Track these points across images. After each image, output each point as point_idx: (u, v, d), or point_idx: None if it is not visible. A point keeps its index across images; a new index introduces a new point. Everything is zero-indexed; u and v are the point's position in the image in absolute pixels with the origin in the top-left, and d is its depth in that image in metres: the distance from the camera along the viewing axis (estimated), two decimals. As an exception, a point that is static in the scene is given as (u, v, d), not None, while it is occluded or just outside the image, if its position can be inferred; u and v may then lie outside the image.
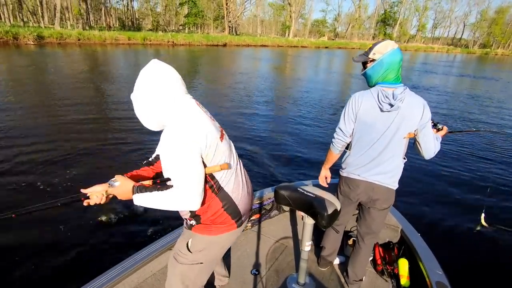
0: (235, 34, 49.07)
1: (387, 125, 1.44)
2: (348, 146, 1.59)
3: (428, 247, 1.86)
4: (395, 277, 1.87)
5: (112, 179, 1.08)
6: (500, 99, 11.05)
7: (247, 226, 2.33)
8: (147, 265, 1.68)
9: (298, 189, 1.51)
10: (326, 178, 1.77)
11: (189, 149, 0.99)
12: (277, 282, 1.85)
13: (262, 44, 39.50)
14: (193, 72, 13.49)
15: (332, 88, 12.08)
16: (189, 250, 1.20)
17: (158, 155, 1.30)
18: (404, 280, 1.81)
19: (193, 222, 1.19)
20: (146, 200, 1.03)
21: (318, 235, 2.02)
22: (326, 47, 45.08)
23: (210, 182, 1.09)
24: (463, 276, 2.46)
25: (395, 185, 1.55)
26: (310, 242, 1.59)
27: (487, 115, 8.43)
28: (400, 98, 1.37)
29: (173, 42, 31.35)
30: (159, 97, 1.01)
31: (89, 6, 36.28)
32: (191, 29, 46.32)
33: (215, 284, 1.62)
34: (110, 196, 1.08)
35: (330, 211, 1.36)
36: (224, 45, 34.58)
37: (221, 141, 1.10)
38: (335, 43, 49.64)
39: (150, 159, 1.31)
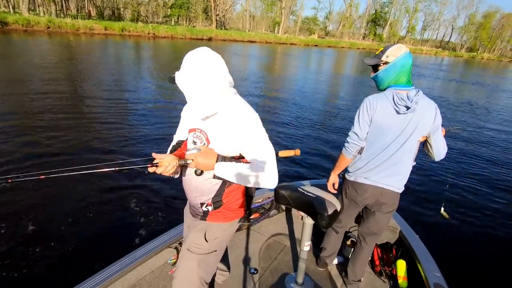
0: (223, 28, 48.89)
1: (402, 128, 1.47)
2: (359, 150, 1.60)
3: (426, 248, 1.94)
4: (393, 278, 1.94)
5: (193, 146, 1.17)
6: (489, 106, 11.73)
7: (246, 224, 2.38)
8: (145, 263, 1.72)
9: (299, 189, 1.55)
10: (334, 184, 1.77)
11: (264, 130, 1.13)
12: (275, 282, 1.90)
13: (249, 39, 39.58)
14: (172, 67, 13.27)
15: (328, 90, 12.33)
16: (206, 240, 1.24)
17: (180, 140, 1.33)
18: (402, 281, 1.88)
19: (210, 208, 1.23)
20: (230, 170, 1.10)
21: (317, 236, 2.07)
22: (316, 45, 45.94)
23: None
24: (461, 278, 2.58)
25: (401, 189, 1.60)
26: (309, 242, 1.63)
27: (475, 119, 8.94)
28: (415, 101, 1.41)
29: (154, 34, 30.73)
30: (222, 79, 1.11)
31: None
32: (179, 21, 45.65)
33: (216, 280, 1.64)
34: (179, 167, 1.14)
35: (330, 211, 1.41)
36: (209, 39, 34.33)
37: None
38: (324, 42, 50.66)
39: (174, 144, 1.34)
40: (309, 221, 1.56)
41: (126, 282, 1.64)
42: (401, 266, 1.95)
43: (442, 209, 2.29)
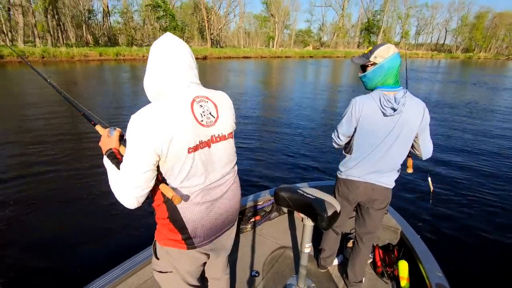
0: (218, 46, 50.39)
1: (389, 130, 1.50)
2: (348, 150, 1.67)
3: (428, 249, 1.98)
4: (395, 279, 1.98)
5: (117, 128, 1.13)
6: (490, 104, 11.84)
7: (246, 227, 2.43)
8: (147, 267, 1.74)
9: (298, 190, 1.58)
10: None
11: (144, 142, 0.91)
12: (276, 284, 1.94)
13: (244, 55, 40.57)
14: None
15: (324, 96, 12.59)
16: (156, 256, 1.16)
17: None
18: (404, 282, 1.92)
19: (155, 214, 1.12)
20: (107, 167, 1.03)
21: (317, 237, 2.12)
22: (311, 57, 47.00)
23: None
24: (463, 279, 2.60)
25: (392, 184, 1.66)
26: (310, 244, 1.67)
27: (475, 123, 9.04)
28: (402, 102, 1.43)
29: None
30: (159, 62, 1.00)
31: (61, 23, 36.28)
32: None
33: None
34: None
35: (330, 212, 1.43)
36: (204, 58, 35.23)
37: (189, 152, 0.98)
38: (319, 52, 51.86)
39: None
40: (309, 223, 1.59)
41: (128, 286, 1.67)
42: (403, 267, 1.98)
43: (430, 179, 2.32)
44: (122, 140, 1.14)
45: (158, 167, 0.98)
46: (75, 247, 2.76)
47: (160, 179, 1.01)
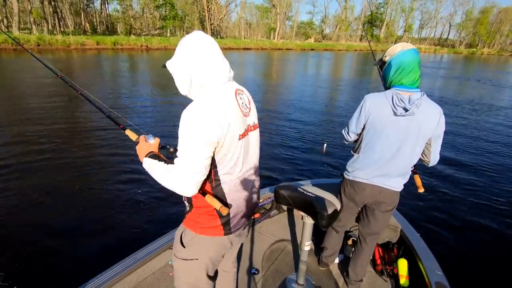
0: (218, 37, 49.90)
1: (399, 131, 1.46)
2: (356, 150, 1.64)
3: (427, 247, 1.99)
4: (395, 277, 1.99)
5: (152, 136, 1.24)
6: (494, 102, 11.81)
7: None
8: (146, 264, 1.77)
9: (298, 188, 1.57)
10: None
11: (205, 131, 0.98)
12: (276, 282, 1.95)
13: (245, 47, 40.25)
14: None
15: (326, 92, 12.55)
16: (183, 245, 1.22)
17: None
18: (403, 280, 1.93)
19: (186, 204, 1.20)
20: (150, 167, 1.11)
21: (318, 235, 2.12)
22: (312, 49, 46.70)
23: (211, 175, 1.10)
24: (462, 276, 2.63)
25: (400, 188, 1.62)
26: (310, 242, 1.67)
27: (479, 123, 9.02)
28: (416, 104, 1.38)
29: (147, 46, 31.30)
30: (187, 65, 1.07)
31: (59, 10, 35.73)
32: (175, 32, 46.72)
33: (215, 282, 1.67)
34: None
35: (330, 211, 1.43)
36: (204, 48, 34.91)
37: (239, 139, 1.09)
38: (321, 45, 51.50)
39: None
40: (309, 221, 1.59)
41: (127, 284, 1.68)
42: (403, 265, 1.98)
43: (325, 145, 2.48)
44: (160, 148, 1.25)
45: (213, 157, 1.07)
46: (73, 243, 2.76)
47: (213, 177, 1.11)
